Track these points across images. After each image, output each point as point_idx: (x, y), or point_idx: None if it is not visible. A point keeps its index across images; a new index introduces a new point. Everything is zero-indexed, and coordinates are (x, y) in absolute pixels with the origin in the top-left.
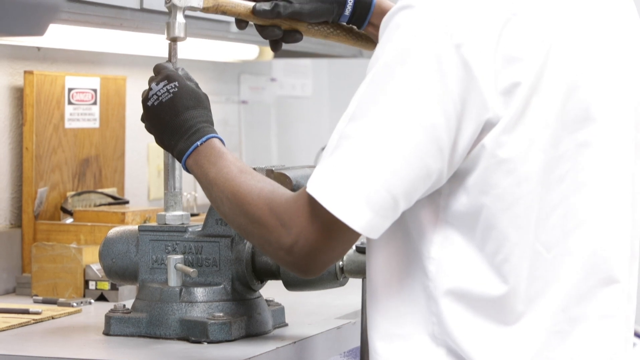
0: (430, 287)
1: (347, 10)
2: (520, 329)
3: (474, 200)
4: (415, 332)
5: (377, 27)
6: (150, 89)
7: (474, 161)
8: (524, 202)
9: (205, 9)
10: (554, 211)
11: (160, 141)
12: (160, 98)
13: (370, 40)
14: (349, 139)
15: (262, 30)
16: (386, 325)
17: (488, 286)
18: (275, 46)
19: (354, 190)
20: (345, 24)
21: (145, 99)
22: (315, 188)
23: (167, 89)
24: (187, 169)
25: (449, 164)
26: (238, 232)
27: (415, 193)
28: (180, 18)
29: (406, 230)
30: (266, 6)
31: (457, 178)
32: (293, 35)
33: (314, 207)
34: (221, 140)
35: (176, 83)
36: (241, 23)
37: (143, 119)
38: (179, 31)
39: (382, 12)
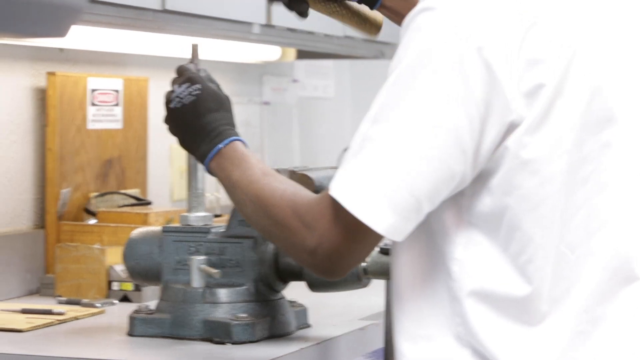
0: (455, 288)
1: None
2: (544, 329)
3: (497, 201)
4: (440, 333)
5: (389, 10)
6: (172, 91)
7: (498, 162)
8: (549, 202)
9: None
10: (578, 212)
11: (183, 143)
12: (182, 100)
13: (374, 27)
14: (373, 141)
15: None
16: (411, 327)
17: (512, 287)
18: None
19: (377, 192)
20: (356, 2)
21: (168, 101)
22: (339, 191)
23: (189, 91)
24: (210, 172)
25: (472, 165)
26: (261, 234)
27: (438, 195)
28: None
29: (430, 232)
30: None
31: (480, 179)
32: (299, 3)
33: (337, 210)
34: (244, 142)
35: (199, 85)
36: None
37: (166, 121)
38: None
39: None
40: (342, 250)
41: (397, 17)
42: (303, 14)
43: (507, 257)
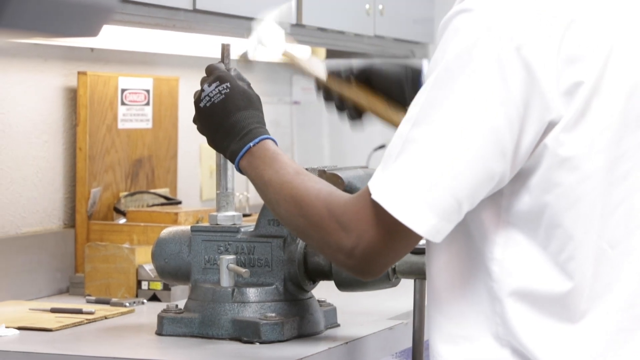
0: (494, 288)
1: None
2: (584, 327)
3: (536, 199)
4: (479, 333)
5: None
6: (202, 90)
7: (536, 160)
8: (588, 199)
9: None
10: (618, 209)
11: (212, 142)
12: (212, 99)
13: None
14: (413, 143)
15: (326, 96)
16: (449, 328)
17: (553, 284)
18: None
19: (418, 194)
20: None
21: (198, 100)
22: (380, 192)
23: (219, 90)
24: (240, 171)
25: (511, 165)
26: (295, 234)
27: (477, 196)
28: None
29: (468, 232)
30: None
31: (519, 178)
32: (356, 112)
33: (377, 211)
34: (274, 141)
35: (228, 84)
36: (322, 91)
37: (195, 120)
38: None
39: None
40: (380, 251)
41: None
42: (356, 121)
43: (547, 255)
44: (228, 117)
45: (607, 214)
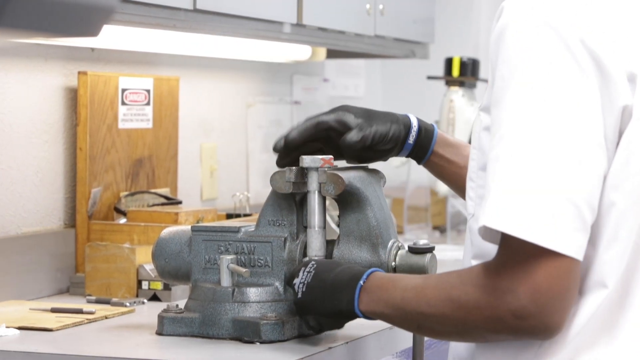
0: None
1: (412, 137)
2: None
3: (605, 198)
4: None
5: (441, 157)
6: (294, 284)
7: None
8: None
9: None
10: None
11: (328, 316)
12: (305, 283)
13: None
14: (523, 163)
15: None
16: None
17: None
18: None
19: (560, 218)
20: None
21: (295, 296)
22: (517, 226)
23: (307, 271)
24: (365, 316)
25: (607, 160)
26: (459, 339)
27: (595, 200)
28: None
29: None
30: (355, 136)
31: None
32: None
33: (530, 255)
34: (381, 271)
35: (312, 262)
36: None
37: (302, 313)
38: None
39: (445, 142)
40: (553, 294)
41: (450, 165)
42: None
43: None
44: (326, 282)
45: None
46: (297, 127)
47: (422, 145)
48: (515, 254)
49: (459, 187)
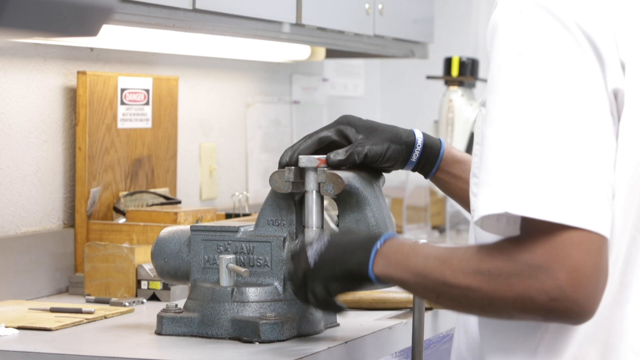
0: None
1: (415, 156)
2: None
3: None
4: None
5: (447, 173)
6: (307, 257)
7: None
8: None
9: None
10: None
11: (337, 281)
12: (319, 250)
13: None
14: (540, 146)
15: None
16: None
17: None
18: None
19: (588, 194)
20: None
21: (307, 266)
22: (540, 208)
23: (322, 242)
24: (377, 279)
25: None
26: (481, 313)
27: (610, 174)
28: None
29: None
30: (340, 155)
31: None
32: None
33: (560, 233)
34: (398, 237)
35: (326, 235)
36: None
37: (302, 284)
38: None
39: (453, 158)
40: (588, 272)
41: (457, 181)
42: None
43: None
44: (339, 245)
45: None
46: (300, 147)
47: (427, 162)
48: (545, 232)
49: (466, 203)
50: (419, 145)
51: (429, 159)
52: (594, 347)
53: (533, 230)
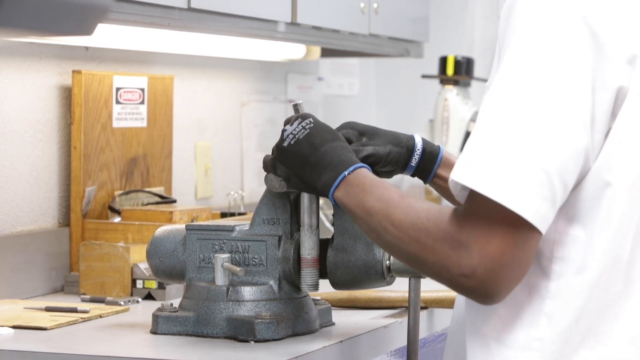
0: (551, 287)
1: (414, 160)
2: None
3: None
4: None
5: (444, 179)
6: (283, 130)
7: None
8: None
9: None
10: None
11: (299, 179)
12: (296, 136)
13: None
14: (499, 126)
15: None
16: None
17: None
18: None
19: (527, 182)
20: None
21: (281, 141)
22: (478, 181)
23: (302, 126)
24: (335, 202)
25: (592, 138)
26: (406, 262)
27: (567, 174)
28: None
29: None
30: None
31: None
32: None
33: (491, 217)
34: (369, 169)
35: (310, 119)
36: None
37: (273, 165)
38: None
39: (450, 164)
40: (504, 263)
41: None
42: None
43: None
44: (316, 150)
45: None
46: None
47: (425, 167)
48: (479, 211)
49: None
50: (418, 150)
51: (427, 165)
52: (597, 341)
53: (471, 206)
